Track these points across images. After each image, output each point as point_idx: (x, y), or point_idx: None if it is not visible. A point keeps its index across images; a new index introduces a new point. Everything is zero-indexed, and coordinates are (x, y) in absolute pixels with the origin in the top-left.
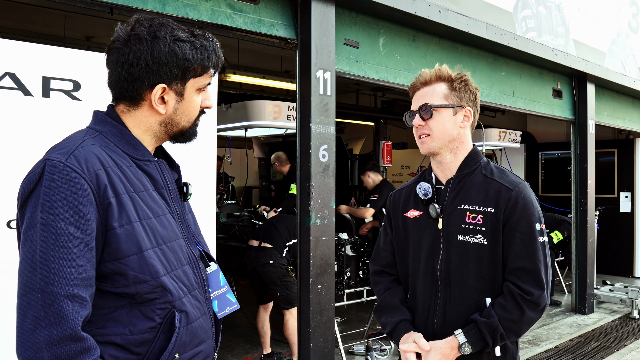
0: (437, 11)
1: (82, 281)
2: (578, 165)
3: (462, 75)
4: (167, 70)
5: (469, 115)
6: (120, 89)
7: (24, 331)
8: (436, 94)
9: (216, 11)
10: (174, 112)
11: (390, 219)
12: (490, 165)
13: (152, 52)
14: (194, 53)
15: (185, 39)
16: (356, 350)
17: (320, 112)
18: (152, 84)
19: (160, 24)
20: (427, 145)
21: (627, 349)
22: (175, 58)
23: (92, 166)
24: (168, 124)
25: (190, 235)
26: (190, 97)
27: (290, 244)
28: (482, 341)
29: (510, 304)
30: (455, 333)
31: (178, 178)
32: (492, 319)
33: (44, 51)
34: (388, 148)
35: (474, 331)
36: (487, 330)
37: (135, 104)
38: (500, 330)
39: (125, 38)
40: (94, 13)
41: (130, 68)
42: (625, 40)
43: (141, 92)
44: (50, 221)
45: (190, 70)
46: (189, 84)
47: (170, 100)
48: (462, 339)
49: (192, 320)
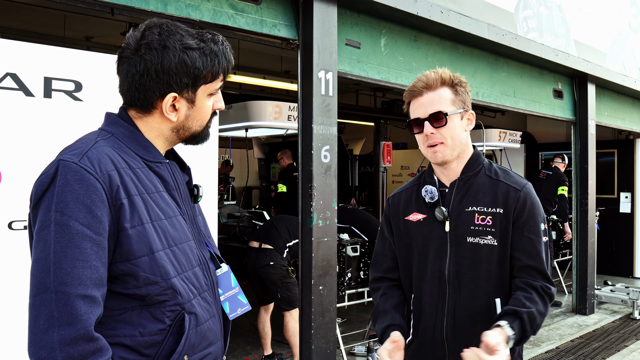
0: (439, 11)
1: (95, 281)
2: (579, 165)
3: (461, 79)
4: (178, 79)
5: (471, 118)
6: (131, 97)
7: (37, 331)
8: (444, 100)
9: (218, 11)
10: (185, 118)
11: (390, 223)
12: (493, 167)
13: (162, 62)
14: (204, 61)
15: (195, 46)
16: (357, 351)
17: (322, 112)
18: (163, 94)
19: (170, 32)
20: (441, 155)
21: (628, 350)
22: (185, 67)
23: (104, 167)
24: (180, 129)
25: (201, 237)
26: (201, 103)
27: (291, 245)
28: (523, 333)
29: (536, 296)
30: (502, 324)
31: (189, 180)
32: (531, 309)
33: (45, 51)
34: (388, 148)
35: (517, 322)
36: (529, 320)
37: (147, 111)
38: (537, 321)
39: (136, 47)
40: (93, 13)
41: (141, 78)
42: (625, 40)
43: (152, 101)
44: (63, 221)
45: (200, 78)
46: (200, 91)
47: (182, 107)
48: (510, 332)
49: (202, 322)
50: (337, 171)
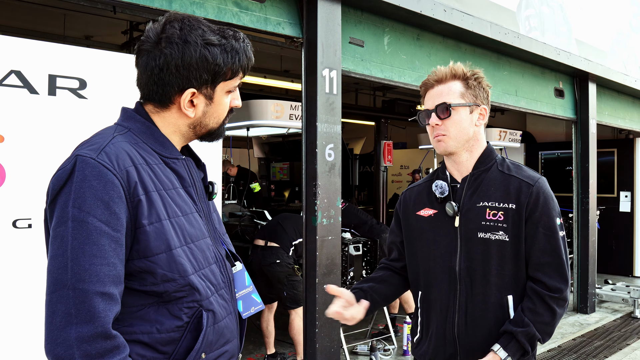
0: (442, 10)
1: (113, 279)
2: (580, 164)
3: (475, 73)
4: (198, 75)
5: (484, 113)
6: (149, 91)
7: (54, 328)
8: (452, 93)
9: (222, 9)
10: (202, 115)
11: (399, 219)
12: (506, 162)
13: (182, 57)
14: (225, 57)
15: (217, 42)
16: (360, 350)
17: (326, 110)
18: (182, 89)
19: (192, 27)
20: (444, 145)
21: (631, 348)
22: (206, 63)
23: (122, 163)
24: (197, 126)
25: (216, 234)
26: (219, 100)
27: (297, 243)
28: (522, 351)
29: (539, 307)
30: (494, 349)
31: (204, 176)
32: (528, 327)
33: (50, 49)
34: (389, 147)
35: (512, 343)
36: (526, 339)
37: (164, 106)
38: (537, 336)
39: (156, 40)
40: (94, 11)
41: (160, 72)
42: (626, 40)
43: (170, 96)
44: (81, 217)
45: (220, 75)
46: (219, 87)
47: (200, 104)
48: (504, 355)
49: (219, 319)
50: (341, 169)
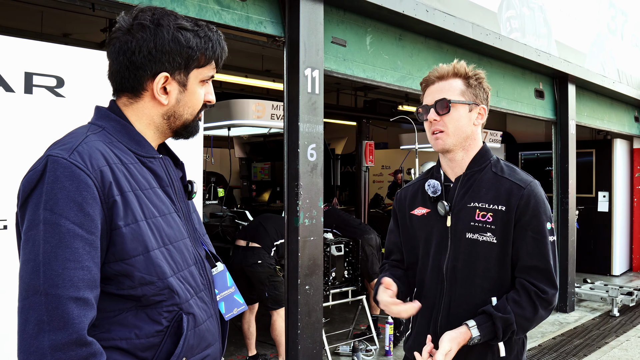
0: (424, 10)
1: (88, 283)
2: (559, 165)
3: (477, 73)
4: (170, 58)
5: (482, 113)
6: (121, 78)
7: (27, 336)
8: (453, 90)
9: (204, 7)
10: (176, 103)
11: (397, 218)
12: (500, 163)
13: (155, 39)
14: (198, 42)
15: (189, 27)
16: (342, 350)
17: (308, 110)
18: (155, 73)
19: (164, 13)
20: (441, 142)
21: (609, 347)
22: (178, 46)
23: (96, 163)
24: (171, 116)
25: (196, 234)
26: (193, 89)
27: (278, 244)
28: (493, 334)
29: (524, 301)
30: (469, 325)
31: (182, 176)
32: (508, 315)
33: (26, 46)
34: (371, 148)
35: (488, 325)
36: (502, 325)
37: (137, 95)
38: (513, 327)
39: (128, 27)
40: (72, 9)
41: (132, 56)
42: (604, 42)
43: (143, 81)
44: (53, 220)
45: (193, 60)
46: (192, 75)
47: (173, 90)
48: (476, 333)
49: (200, 323)
50: (323, 170)
